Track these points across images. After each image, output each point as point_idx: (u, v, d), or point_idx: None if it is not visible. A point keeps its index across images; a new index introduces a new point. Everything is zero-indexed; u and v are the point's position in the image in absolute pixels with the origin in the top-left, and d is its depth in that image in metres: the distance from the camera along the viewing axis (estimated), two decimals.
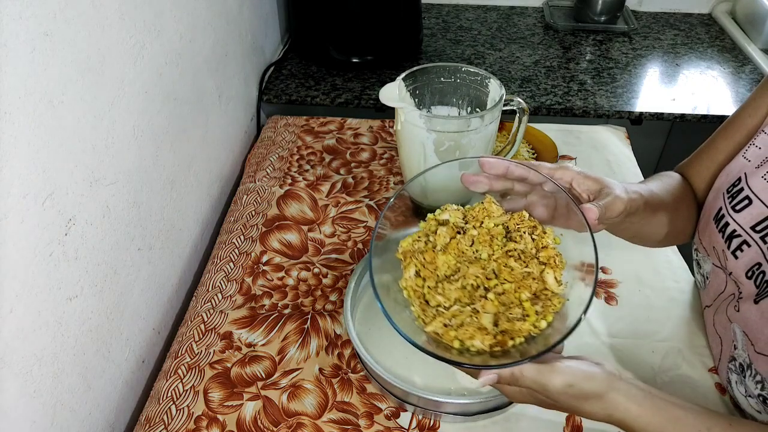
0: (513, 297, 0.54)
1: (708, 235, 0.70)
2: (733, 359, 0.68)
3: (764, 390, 0.63)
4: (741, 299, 0.66)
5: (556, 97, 1.26)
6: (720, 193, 0.69)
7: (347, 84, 1.30)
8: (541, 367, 0.52)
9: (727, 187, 0.68)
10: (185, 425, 0.69)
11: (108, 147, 0.66)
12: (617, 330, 0.80)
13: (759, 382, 0.64)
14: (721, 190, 0.69)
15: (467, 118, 0.83)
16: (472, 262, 0.55)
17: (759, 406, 0.64)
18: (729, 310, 0.69)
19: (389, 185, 1.04)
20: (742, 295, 0.66)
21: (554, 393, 0.52)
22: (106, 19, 0.64)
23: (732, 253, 0.66)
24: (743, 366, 0.67)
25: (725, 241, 0.67)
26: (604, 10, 1.52)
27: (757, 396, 0.64)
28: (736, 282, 0.66)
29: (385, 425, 0.69)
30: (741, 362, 0.67)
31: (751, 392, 0.65)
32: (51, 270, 0.58)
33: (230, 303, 0.83)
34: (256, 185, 1.03)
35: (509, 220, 0.57)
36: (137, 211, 0.74)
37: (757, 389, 0.64)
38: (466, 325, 0.51)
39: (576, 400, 0.53)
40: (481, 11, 1.63)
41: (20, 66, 0.51)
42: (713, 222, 0.69)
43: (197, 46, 0.89)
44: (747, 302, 0.65)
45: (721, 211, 0.68)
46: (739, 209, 0.65)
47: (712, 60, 1.42)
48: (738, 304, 0.67)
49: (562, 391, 0.52)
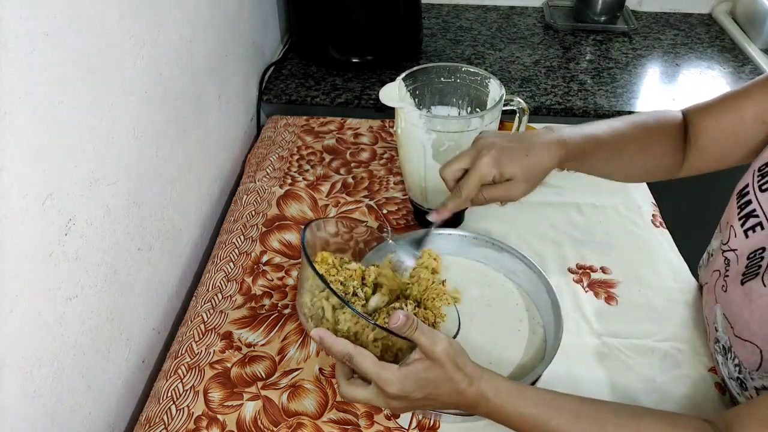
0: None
1: (727, 211, 0.70)
2: (717, 341, 0.69)
3: (741, 373, 0.63)
4: (728, 278, 0.66)
5: (556, 97, 1.26)
6: (752, 170, 0.68)
7: (347, 84, 1.30)
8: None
9: (760, 165, 0.67)
10: (185, 425, 0.69)
11: (108, 147, 0.66)
12: (617, 330, 0.80)
13: (737, 366, 0.64)
14: (754, 167, 0.68)
15: (467, 118, 0.83)
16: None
17: (738, 388, 0.65)
18: (717, 290, 0.69)
19: (389, 185, 1.04)
20: (729, 274, 0.66)
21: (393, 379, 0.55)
22: (106, 19, 0.64)
23: (744, 232, 0.66)
24: (725, 348, 0.67)
25: (740, 219, 0.66)
26: (604, 10, 1.52)
27: (736, 378, 0.64)
28: (734, 261, 0.66)
29: (385, 425, 0.69)
30: (723, 344, 0.67)
31: (731, 374, 0.66)
32: (51, 270, 0.58)
33: (230, 303, 0.83)
34: (256, 185, 1.03)
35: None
36: (137, 211, 0.74)
37: (735, 372, 0.64)
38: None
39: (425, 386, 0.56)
40: (481, 11, 1.63)
41: (20, 66, 0.51)
42: (735, 197, 0.69)
43: (197, 46, 0.89)
44: (734, 282, 0.65)
45: (747, 187, 0.67)
46: (765, 188, 0.64)
47: (712, 60, 1.42)
48: (725, 284, 0.67)
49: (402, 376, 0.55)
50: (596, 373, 0.75)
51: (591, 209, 0.98)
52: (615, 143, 0.73)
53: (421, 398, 0.56)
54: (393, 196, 1.01)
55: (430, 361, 0.56)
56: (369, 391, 0.57)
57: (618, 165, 0.76)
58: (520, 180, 0.66)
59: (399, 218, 0.97)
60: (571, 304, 0.83)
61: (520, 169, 0.66)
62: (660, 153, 0.76)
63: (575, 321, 0.81)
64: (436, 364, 0.55)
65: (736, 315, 0.64)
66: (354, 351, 0.56)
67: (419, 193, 0.90)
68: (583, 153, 0.70)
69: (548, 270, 0.84)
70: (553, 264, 0.89)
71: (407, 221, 0.96)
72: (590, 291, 0.85)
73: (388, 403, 0.57)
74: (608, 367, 0.75)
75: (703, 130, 0.74)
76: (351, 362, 0.56)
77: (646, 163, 0.77)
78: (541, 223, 0.96)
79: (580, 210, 0.98)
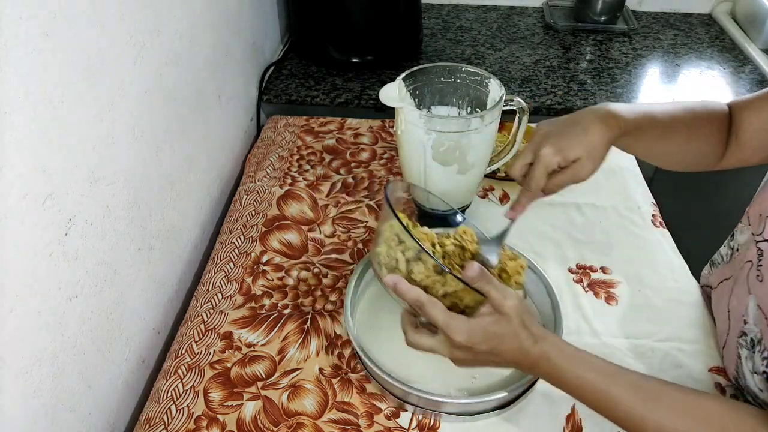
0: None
1: (760, 202, 0.70)
2: (744, 334, 0.68)
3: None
4: (762, 267, 0.65)
5: (556, 97, 1.26)
6: None
7: (347, 84, 1.30)
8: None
9: None
10: (185, 425, 0.69)
11: (108, 147, 0.66)
12: (617, 330, 0.80)
13: (766, 358, 0.63)
14: None
15: (467, 118, 0.83)
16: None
17: (762, 384, 0.64)
18: (750, 280, 0.68)
19: None
20: (762, 264, 0.65)
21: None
22: (106, 19, 0.64)
23: None
24: (754, 341, 0.66)
25: None
26: (604, 10, 1.52)
27: (762, 373, 0.64)
28: (767, 251, 0.66)
29: (385, 425, 0.69)
30: (752, 337, 0.67)
31: (757, 368, 0.65)
32: (51, 270, 0.58)
33: (230, 303, 0.83)
34: (256, 185, 1.03)
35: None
36: (137, 211, 0.74)
37: (762, 365, 0.64)
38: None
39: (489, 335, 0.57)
40: (481, 11, 1.63)
41: (20, 66, 0.51)
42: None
43: (197, 46, 0.89)
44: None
45: None
46: None
47: (712, 60, 1.42)
48: (761, 273, 0.66)
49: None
50: None
51: (591, 209, 0.98)
52: (668, 123, 0.73)
53: (485, 351, 0.57)
54: None
55: (498, 314, 0.57)
56: (435, 339, 0.59)
57: (669, 147, 0.76)
58: (585, 160, 0.67)
59: None
60: (571, 304, 0.83)
61: (582, 149, 0.67)
62: (706, 141, 0.76)
63: (575, 321, 0.81)
64: (504, 319, 0.57)
65: None
66: (426, 299, 0.58)
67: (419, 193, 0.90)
68: (639, 128, 0.70)
69: (548, 270, 0.84)
70: (553, 264, 0.89)
71: None
72: (590, 291, 0.85)
73: (453, 353, 0.59)
74: None
75: (745, 122, 0.74)
76: (422, 309, 0.58)
77: (693, 149, 0.77)
78: (541, 223, 0.96)
79: (580, 210, 0.98)
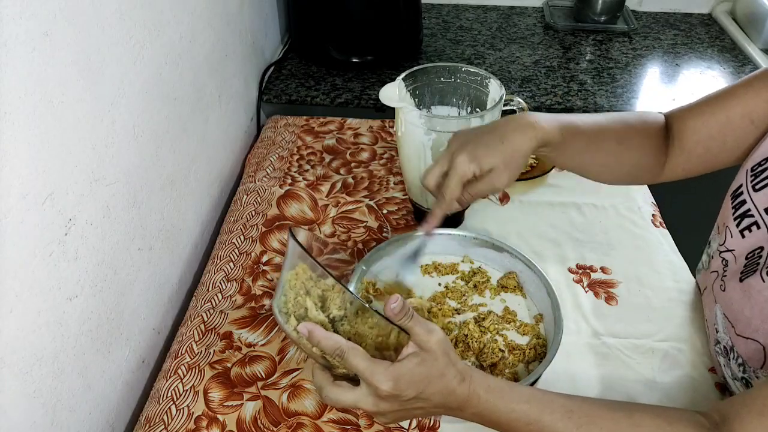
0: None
1: (722, 213, 0.70)
2: (718, 342, 0.69)
3: (746, 373, 0.63)
4: (726, 277, 0.66)
5: (556, 97, 1.26)
6: (744, 170, 0.67)
7: (347, 84, 1.30)
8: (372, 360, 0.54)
9: (752, 165, 0.66)
10: (185, 425, 0.69)
11: (108, 147, 0.66)
12: (617, 330, 0.80)
13: (740, 365, 0.64)
14: (746, 167, 0.67)
15: (467, 118, 0.83)
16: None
17: (743, 388, 0.64)
18: (715, 290, 0.69)
19: (389, 185, 1.04)
20: (727, 273, 0.65)
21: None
22: (106, 19, 0.64)
23: (740, 232, 0.65)
24: (726, 349, 0.67)
25: (735, 219, 0.66)
26: (604, 10, 1.52)
27: (740, 378, 0.64)
28: (731, 261, 0.66)
29: (385, 426, 0.69)
30: (724, 345, 0.67)
31: (735, 375, 0.65)
32: (51, 270, 0.58)
33: (230, 303, 0.83)
34: (256, 185, 1.03)
35: None
36: (137, 211, 0.74)
37: (739, 372, 0.64)
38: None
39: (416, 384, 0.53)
40: (481, 11, 1.63)
41: (20, 66, 0.51)
42: (729, 198, 0.68)
43: (197, 46, 0.89)
44: (732, 280, 0.65)
45: (741, 188, 0.66)
46: (759, 188, 0.64)
47: (712, 60, 1.42)
48: (723, 283, 0.66)
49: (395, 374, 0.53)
50: (596, 373, 0.75)
51: (591, 209, 0.98)
52: (594, 134, 0.71)
53: (412, 398, 0.54)
54: (393, 196, 1.01)
55: (424, 353, 0.54)
56: (357, 392, 0.54)
57: (595, 158, 0.74)
58: (500, 169, 0.66)
59: (399, 218, 0.97)
60: (571, 304, 0.83)
61: (498, 158, 0.65)
62: (640, 152, 0.75)
63: (575, 321, 0.81)
64: (430, 357, 0.54)
65: (737, 313, 0.64)
66: (346, 345, 0.53)
67: (419, 193, 0.90)
68: (561, 139, 0.69)
69: (548, 270, 0.84)
70: (553, 264, 0.89)
71: (407, 221, 0.96)
72: (590, 291, 0.85)
73: (378, 405, 0.54)
74: (608, 367, 0.75)
75: (689, 131, 0.73)
76: (342, 358, 0.53)
77: (625, 160, 0.75)
78: (541, 223, 0.96)
79: (580, 210, 0.98)
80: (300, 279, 0.58)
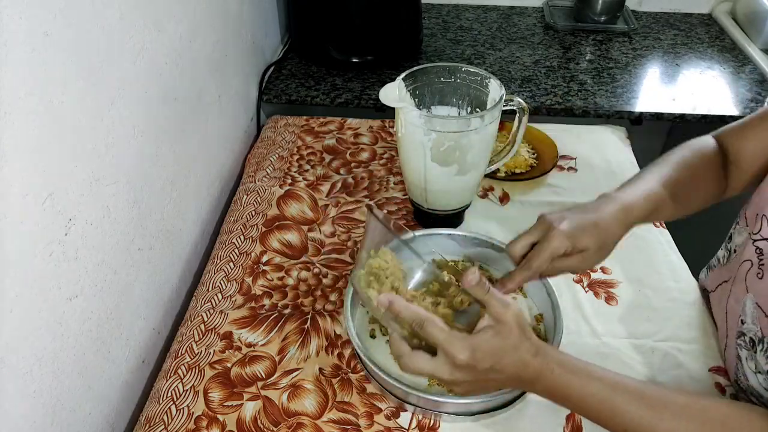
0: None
1: (757, 202, 0.70)
2: (742, 334, 0.68)
3: None
4: (763, 265, 0.65)
5: (556, 97, 1.26)
6: None
7: (347, 84, 1.30)
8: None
9: None
10: (185, 425, 0.69)
11: (108, 147, 0.66)
12: (617, 330, 0.80)
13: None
14: None
15: (467, 118, 0.83)
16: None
17: (766, 382, 0.64)
18: (749, 278, 0.68)
19: (389, 185, 1.04)
20: (764, 262, 0.65)
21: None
22: (106, 19, 0.64)
23: None
24: (754, 341, 0.66)
25: None
26: (604, 10, 1.52)
27: (766, 372, 0.63)
28: (766, 250, 0.66)
29: (385, 425, 0.69)
30: (751, 336, 0.66)
31: (761, 368, 0.65)
32: (51, 270, 0.58)
33: (230, 303, 0.83)
34: (256, 185, 1.03)
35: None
36: (137, 211, 0.74)
37: (766, 365, 0.63)
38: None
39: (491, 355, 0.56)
40: (481, 11, 1.63)
41: (20, 66, 0.51)
42: (767, 187, 0.68)
43: (197, 46, 0.89)
44: None
45: None
46: None
47: (712, 60, 1.41)
48: (761, 271, 0.66)
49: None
50: None
51: None
52: (672, 194, 0.73)
53: (486, 369, 0.56)
54: (393, 196, 1.01)
55: (499, 326, 0.56)
56: (435, 361, 0.57)
57: (677, 210, 0.76)
58: (593, 252, 0.66)
59: (399, 218, 0.97)
60: (571, 304, 0.83)
61: (593, 241, 0.66)
62: (709, 186, 0.77)
63: (575, 321, 0.81)
64: (505, 330, 0.56)
65: None
66: (426, 315, 0.56)
67: (419, 193, 0.90)
68: (648, 214, 0.71)
69: None
70: None
71: (407, 221, 0.96)
72: (590, 291, 0.85)
73: (453, 375, 0.56)
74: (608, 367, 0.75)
75: (744, 150, 0.74)
76: (421, 328, 0.56)
77: (699, 198, 0.77)
78: None
79: None
80: (382, 258, 0.62)
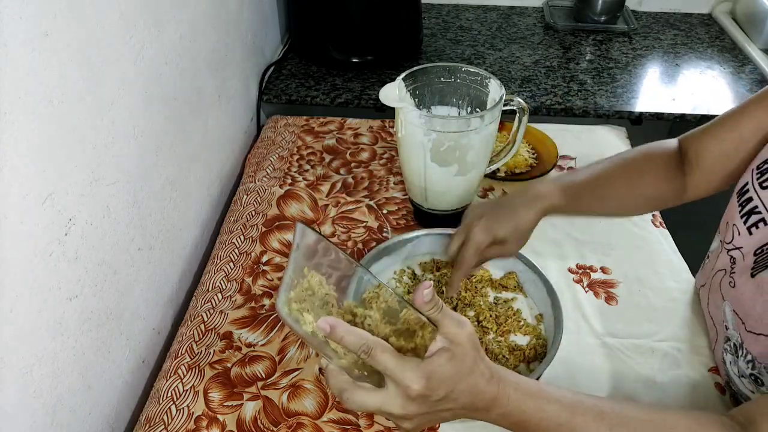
0: None
1: (728, 210, 0.71)
2: (728, 339, 0.69)
3: (755, 369, 0.63)
4: (734, 273, 0.66)
5: (556, 97, 1.26)
6: (750, 169, 0.69)
7: (347, 84, 1.30)
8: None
9: (758, 163, 0.67)
10: (185, 425, 0.69)
11: (108, 147, 0.66)
12: (617, 330, 0.80)
13: (750, 362, 0.64)
14: (752, 166, 0.68)
15: (467, 118, 0.83)
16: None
17: (751, 385, 0.65)
18: (723, 287, 0.69)
19: (389, 185, 1.04)
20: (735, 270, 0.66)
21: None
22: (106, 19, 0.64)
23: (747, 229, 0.66)
24: (736, 346, 0.67)
25: (742, 217, 0.67)
26: (604, 10, 1.52)
27: (749, 375, 0.64)
28: (739, 258, 0.66)
29: (385, 425, 0.69)
30: (734, 342, 0.67)
31: (743, 372, 0.66)
32: (51, 270, 0.58)
33: (230, 303, 0.83)
34: (256, 185, 1.03)
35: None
36: (137, 211, 0.74)
37: (748, 369, 0.64)
38: None
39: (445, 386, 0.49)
40: (481, 11, 1.63)
41: (20, 66, 0.51)
42: (736, 196, 0.69)
43: (197, 46, 0.89)
44: (743, 276, 0.65)
45: (747, 186, 0.68)
46: (766, 185, 0.65)
47: (712, 60, 1.41)
48: (733, 280, 0.67)
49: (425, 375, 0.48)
50: (596, 373, 0.75)
51: None
52: (598, 184, 0.78)
53: (442, 398, 0.49)
54: (393, 196, 1.01)
55: (455, 347, 0.49)
56: (384, 394, 0.49)
57: (606, 204, 0.81)
58: (511, 240, 0.75)
59: (399, 218, 0.97)
60: (571, 304, 0.83)
61: (509, 230, 0.74)
62: (653, 183, 0.79)
63: (575, 321, 0.81)
64: (460, 352, 0.49)
65: (748, 309, 0.64)
66: (373, 341, 0.48)
67: (419, 193, 0.90)
68: (566, 202, 0.77)
69: (548, 270, 0.84)
70: (553, 264, 0.89)
71: (407, 221, 0.96)
72: (590, 291, 0.85)
73: (406, 407, 0.49)
74: (608, 367, 0.75)
75: (705, 151, 0.76)
76: (368, 356, 0.48)
77: (640, 195, 0.81)
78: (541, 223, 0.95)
79: None
80: (312, 279, 0.52)
